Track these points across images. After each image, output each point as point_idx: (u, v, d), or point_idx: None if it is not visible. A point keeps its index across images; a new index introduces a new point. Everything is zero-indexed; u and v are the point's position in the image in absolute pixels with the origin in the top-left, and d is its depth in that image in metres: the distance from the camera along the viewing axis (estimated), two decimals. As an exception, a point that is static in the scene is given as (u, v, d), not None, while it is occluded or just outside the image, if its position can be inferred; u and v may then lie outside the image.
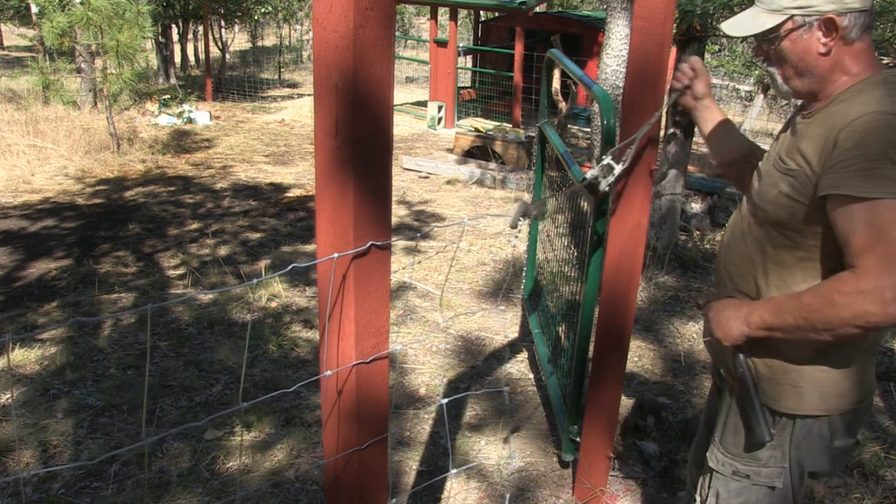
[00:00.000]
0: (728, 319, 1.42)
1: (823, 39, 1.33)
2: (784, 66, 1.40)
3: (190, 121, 10.06)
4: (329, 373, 1.13)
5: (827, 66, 1.36)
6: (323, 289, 1.08)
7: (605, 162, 1.65)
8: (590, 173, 1.71)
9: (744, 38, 1.53)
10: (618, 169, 1.65)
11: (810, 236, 1.37)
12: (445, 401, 3.11)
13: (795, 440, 1.47)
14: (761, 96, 12.26)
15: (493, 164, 7.77)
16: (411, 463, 2.71)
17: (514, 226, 1.61)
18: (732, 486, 1.54)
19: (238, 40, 23.64)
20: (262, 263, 4.72)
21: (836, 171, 1.25)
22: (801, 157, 1.35)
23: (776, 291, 1.43)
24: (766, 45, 1.40)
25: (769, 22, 1.35)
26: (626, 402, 3.11)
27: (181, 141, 8.87)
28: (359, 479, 1.20)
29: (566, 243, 3.26)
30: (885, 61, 4.38)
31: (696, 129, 4.97)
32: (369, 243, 1.03)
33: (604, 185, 1.69)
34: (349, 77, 0.91)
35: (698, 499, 1.65)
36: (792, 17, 1.33)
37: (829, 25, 1.31)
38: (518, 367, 3.48)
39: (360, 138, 0.95)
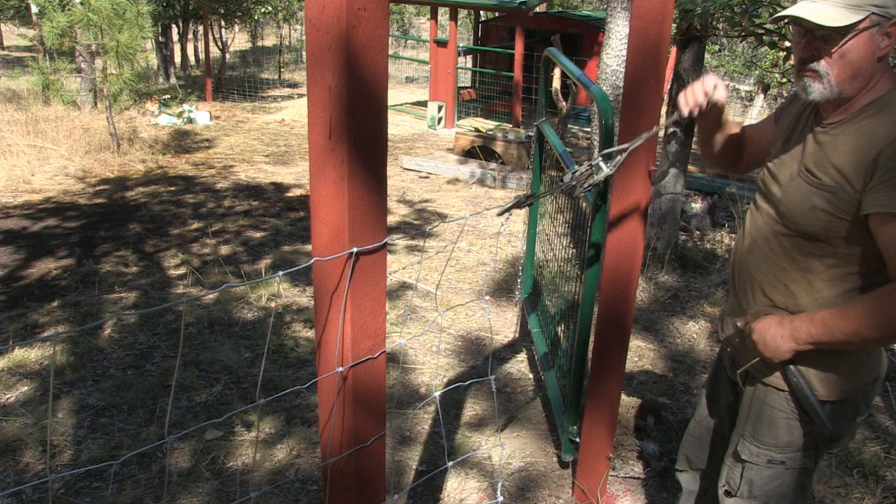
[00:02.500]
0: (774, 338, 1.46)
1: (884, 43, 1.32)
2: (842, 65, 1.34)
3: (190, 121, 10.07)
4: (326, 375, 1.13)
5: (873, 72, 1.35)
6: (319, 291, 1.08)
7: (593, 162, 1.65)
8: (567, 177, 1.70)
9: (819, 28, 1.37)
10: (604, 172, 1.65)
11: (843, 247, 1.40)
12: (438, 393, 3.11)
13: (825, 422, 1.53)
14: (761, 96, 12.25)
15: (493, 164, 7.77)
16: (411, 462, 2.71)
17: (500, 213, 1.63)
18: (766, 474, 1.61)
19: (238, 40, 23.65)
20: (264, 263, 4.72)
21: (881, 189, 1.28)
22: (837, 173, 1.35)
23: (806, 297, 1.48)
24: (833, 41, 1.33)
25: (853, 16, 1.30)
26: (626, 402, 3.11)
27: (181, 141, 8.87)
28: (357, 479, 1.20)
29: (565, 243, 3.26)
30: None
31: (695, 128, 4.97)
32: (365, 245, 1.03)
33: (580, 191, 1.68)
34: (342, 78, 0.91)
35: (723, 488, 1.70)
36: (871, 14, 1.30)
37: (892, 30, 1.31)
38: (518, 366, 3.48)
39: (353, 140, 0.95)
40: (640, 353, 3.66)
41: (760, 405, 1.60)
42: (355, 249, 1.01)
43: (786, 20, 1.38)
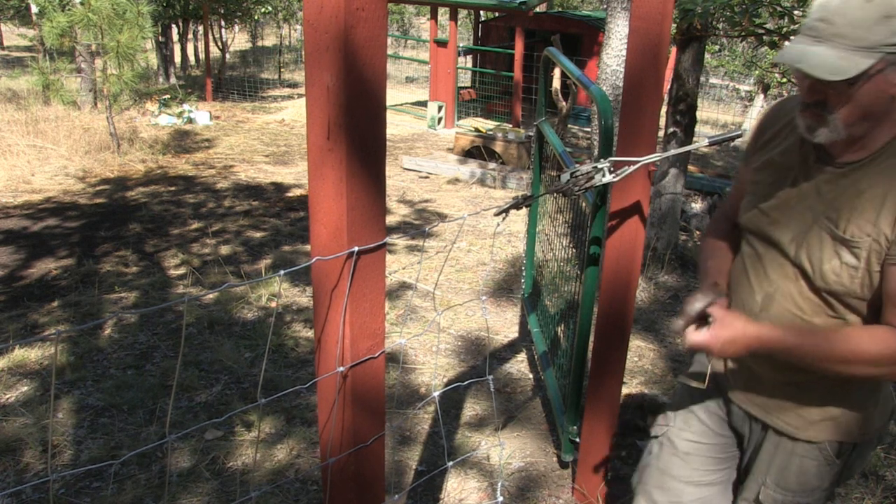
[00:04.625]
0: (740, 333, 1.30)
1: None
2: (852, 109, 1.22)
3: (190, 121, 10.07)
4: (325, 375, 1.13)
5: (888, 110, 1.24)
6: (318, 291, 1.08)
7: (599, 166, 1.64)
8: (564, 176, 1.69)
9: (828, 81, 1.23)
10: (606, 179, 1.64)
11: (878, 300, 1.29)
12: (438, 393, 3.11)
13: (854, 461, 1.50)
14: (761, 96, 12.25)
15: (493, 164, 7.77)
16: (411, 463, 2.71)
17: (498, 214, 1.62)
18: None
19: (238, 40, 23.65)
20: (264, 263, 4.72)
21: None
22: (868, 224, 1.24)
23: None
24: (841, 90, 1.20)
25: (863, 62, 1.16)
26: (627, 402, 3.11)
27: (181, 141, 8.87)
28: (357, 479, 1.20)
29: (565, 243, 3.26)
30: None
31: (696, 129, 4.97)
32: (363, 245, 1.03)
33: (577, 191, 1.67)
34: (341, 78, 0.91)
35: None
36: (886, 55, 1.16)
37: None
38: (518, 366, 3.48)
39: (352, 140, 0.95)
40: (640, 353, 3.66)
41: (788, 456, 1.50)
42: (355, 249, 1.01)
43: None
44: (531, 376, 3.39)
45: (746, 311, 1.44)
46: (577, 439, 2.46)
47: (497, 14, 13.82)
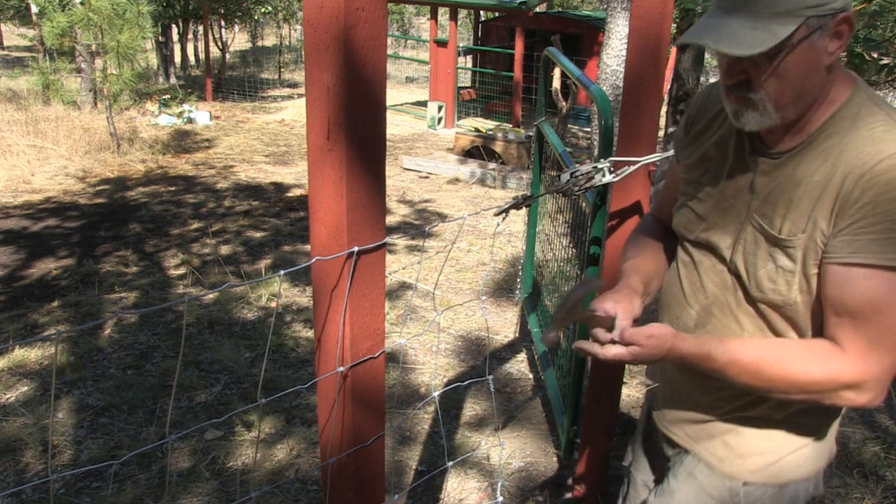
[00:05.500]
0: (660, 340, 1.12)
1: (833, 47, 1.00)
2: (780, 87, 1.02)
3: (190, 121, 10.07)
4: (325, 375, 1.13)
5: (822, 83, 1.04)
6: (318, 291, 1.08)
7: (599, 166, 1.64)
8: (564, 176, 1.69)
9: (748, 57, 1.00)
10: (606, 179, 1.64)
11: (820, 312, 1.09)
12: (438, 393, 3.11)
13: None
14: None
15: (493, 164, 7.77)
16: (411, 462, 2.71)
17: (497, 214, 1.61)
18: None
19: (238, 40, 23.65)
20: (264, 263, 4.73)
21: (854, 232, 1.00)
22: (803, 218, 1.05)
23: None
24: (763, 65, 1.01)
25: (781, 30, 0.97)
26: (627, 402, 3.11)
27: (181, 141, 8.87)
28: (357, 479, 1.20)
29: (565, 243, 3.26)
30: (884, 61, 4.37)
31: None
32: (363, 245, 1.03)
33: (577, 191, 1.67)
34: (341, 78, 0.91)
35: None
36: (807, 19, 0.97)
37: (840, 27, 0.99)
38: (518, 366, 3.48)
39: (352, 140, 0.95)
40: (640, 353, 3.66)
41: (695, 486, 1.29)
42: (355, 249, 1.01)
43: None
44: (531, 376, 3.39)
45: (679, 328, 1.24)
46: (577, 439, 2.46)
47: (497, 14, 13.82)
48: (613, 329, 1.14)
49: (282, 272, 1.03)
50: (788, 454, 1.22)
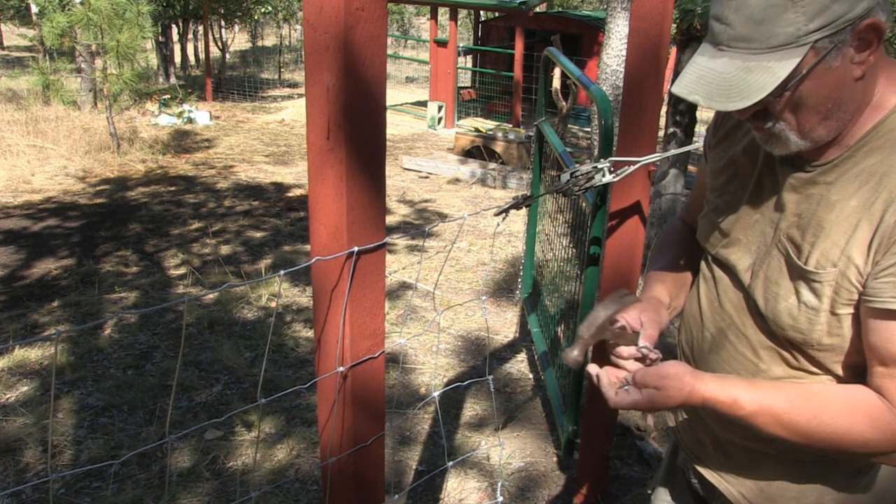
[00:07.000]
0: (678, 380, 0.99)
1: (859, 57, 0.85)
2: (802, 115, 0.88)
3: (190, 121, 10.07)
4: (325, 375, 1.13)
5: (858, 94, 0.89)
6: (318, 291, 1.08)
7: (599, 165, 1.64)
8: (564, 176, 1.69)
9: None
10: (606, 179, 1.64)
11: (853, 353, 0.95)
12: (438, 393, 3.11)
13: None
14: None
15: (493, 164, 7.77)
16: (411, 462, 2.71)
17: (497, 214, 1.60)
18: None
19: (238, 40, 23.65)
20: (264, 263, 4.73)
21: None
22: (835, 249, 0.91)
23: None
24: (776, 101, 0.87)
25: (782, 67, 0.83)
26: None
27: (181, 141, 8.88)
28: (357, 479, 1.20)
29: (565, 243, 3.26)
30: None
31: (696, 128, 4.97)
32: (363, 245, 1.03)
33: (577, 191, 1.67)
34: (341, 79, 0.91)
35: None
36: (814, 44, 0.82)
37: (867, 35, 0.84)
38: (518, 366, 3.47)
39: (352, 140, 0.95)
40: (640, 353, 3.66)
41: None
42: (355, 249, 1.01)
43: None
44: (531, 376, 3.39)
45: (694, 350, 1.14)
46: (577, 439, 2.46)
47: (497, 14, 13.82)
48: (638, 342, 1.06)
49: (282, 272, 1.03)
50: (835, 499, 1.08)
